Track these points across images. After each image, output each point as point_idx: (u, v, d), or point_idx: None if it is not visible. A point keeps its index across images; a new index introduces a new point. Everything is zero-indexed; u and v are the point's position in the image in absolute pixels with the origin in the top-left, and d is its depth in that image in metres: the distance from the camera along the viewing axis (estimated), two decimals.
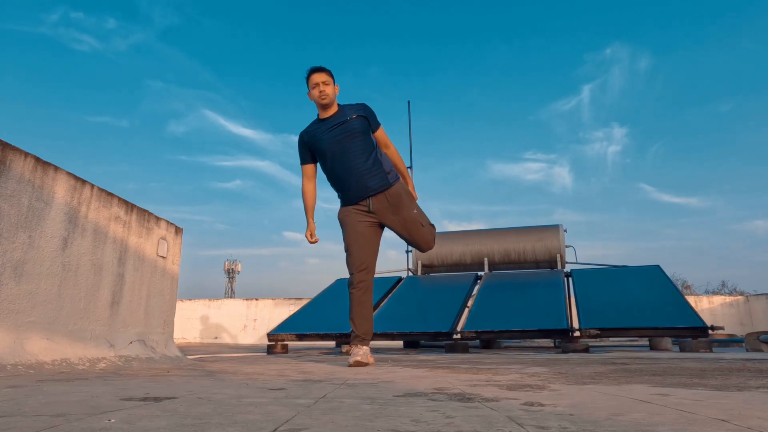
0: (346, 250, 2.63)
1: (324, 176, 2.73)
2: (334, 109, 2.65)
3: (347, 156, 2.56)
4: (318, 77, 2.60)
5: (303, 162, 2.73)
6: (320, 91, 2.59)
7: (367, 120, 2.64)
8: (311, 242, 2.75)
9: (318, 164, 2.73)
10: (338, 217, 2.69)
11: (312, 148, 2.67)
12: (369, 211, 2.60)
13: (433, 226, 2.83)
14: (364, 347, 2.51)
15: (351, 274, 2.60)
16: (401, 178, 2.73)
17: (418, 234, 2.71)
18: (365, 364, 2.39)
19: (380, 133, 2.71)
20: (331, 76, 2.64)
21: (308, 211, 2.76)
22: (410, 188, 2.77)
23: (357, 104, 2.70)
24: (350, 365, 2.35)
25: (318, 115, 2.69)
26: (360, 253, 2.59)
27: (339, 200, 2.72)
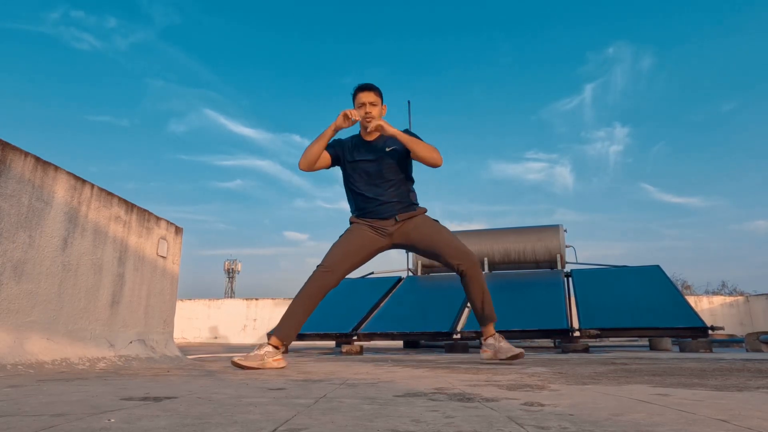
0: (334, 249, 2.50)
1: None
2: (377, 133, 2.53)
3: (379, 187, 2.50)
4: (365, 97, 2.47)
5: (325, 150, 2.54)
6: (366, 113, 2.46)
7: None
8: (354, 117, 2.42)
9: (333, 165, 2.61)
10: (349, 222, 2.60)
11: (342, 161, 2.57)
12: (387, 233, 2.51)
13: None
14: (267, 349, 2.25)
15: (323, 268, 2.44)
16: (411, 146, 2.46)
17: (443, 240, 2.52)
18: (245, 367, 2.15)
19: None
20: (380, 95, 2.51)
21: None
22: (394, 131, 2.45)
23: (401, 131, 2.51)
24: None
25: (360, 133, 2.60)
26: (337, 257, 2.46)
27: (351, 210, 2.64)
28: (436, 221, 2.63)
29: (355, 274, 7.25)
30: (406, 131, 2.54)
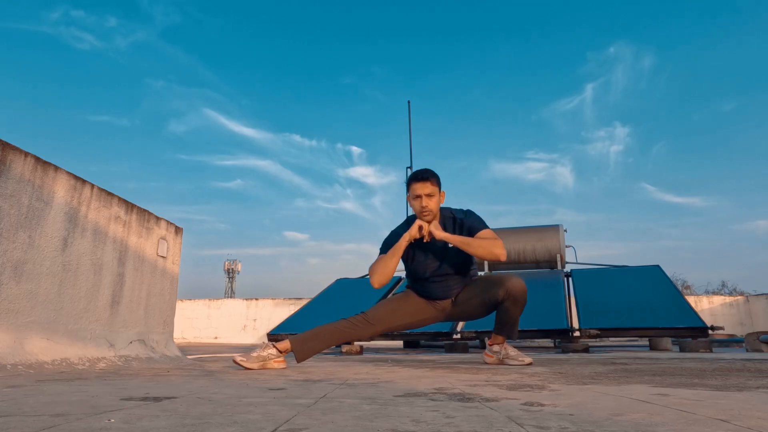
0: (384, 307, 2.46)
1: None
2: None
3: (443, 277, 2.43)
4: (421, 188, 2.32)
5: (383, 252, 2.45)
6: (422, 207, 2.32)
7: (469, 233, 2.38)
8: (426, 230, 2.34)
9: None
10: (406, 290, 2.56)
11: (404, 258, 2.48)
12: (440, 307, 2.48)
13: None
14: (268, 350, 2.21)
15: (366, 318, 2.39)
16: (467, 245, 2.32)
17: (484, 283, 2.47)
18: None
19: (483, 233, 2.36)
20: (437, 183, 2.36)
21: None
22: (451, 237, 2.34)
23: (459, 216, 2.42)
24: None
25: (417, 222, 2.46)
26: (384, 314, 2.43)
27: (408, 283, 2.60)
28: (474, 282, 2.57)
29: (354, 275, 7.25)
30: (468, 212, 2.45)
